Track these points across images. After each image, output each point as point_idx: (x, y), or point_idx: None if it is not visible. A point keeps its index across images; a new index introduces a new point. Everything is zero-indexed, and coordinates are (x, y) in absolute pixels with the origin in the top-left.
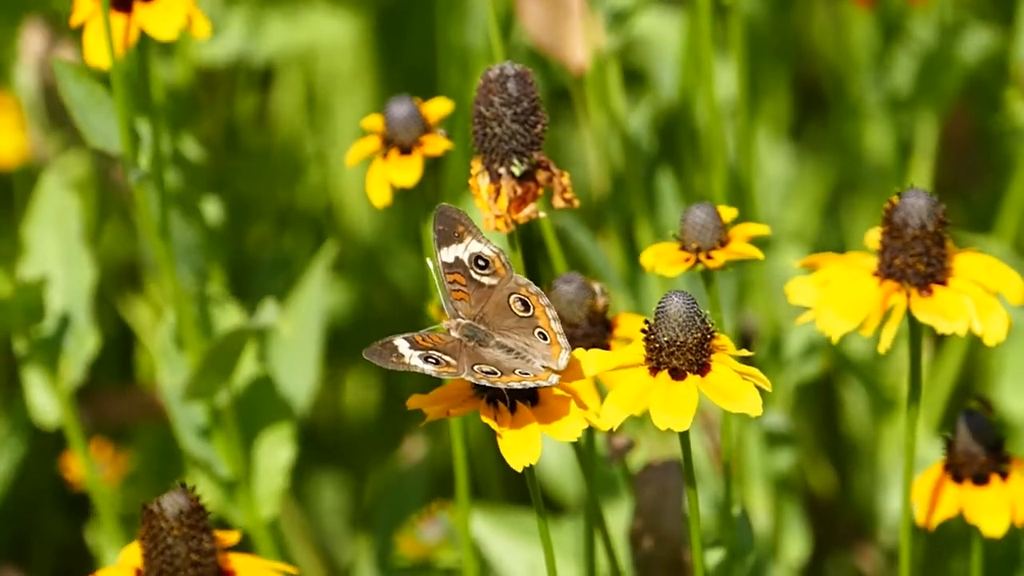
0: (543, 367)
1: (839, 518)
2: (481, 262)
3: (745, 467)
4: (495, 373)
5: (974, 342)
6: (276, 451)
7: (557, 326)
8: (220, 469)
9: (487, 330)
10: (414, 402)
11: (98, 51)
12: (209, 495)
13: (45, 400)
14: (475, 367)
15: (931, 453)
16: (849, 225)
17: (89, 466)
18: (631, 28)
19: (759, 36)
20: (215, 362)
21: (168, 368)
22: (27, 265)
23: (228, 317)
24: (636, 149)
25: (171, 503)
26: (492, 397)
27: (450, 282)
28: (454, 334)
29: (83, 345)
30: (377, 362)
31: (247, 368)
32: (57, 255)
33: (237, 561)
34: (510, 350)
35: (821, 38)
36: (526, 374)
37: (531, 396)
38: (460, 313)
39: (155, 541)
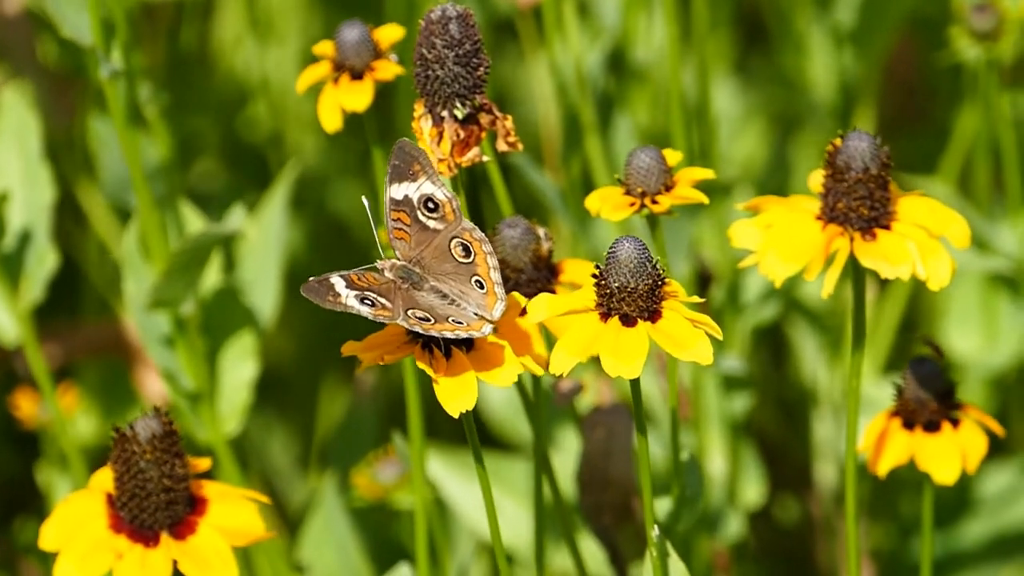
0: (476, 315)
1: (788, 461)
2: (431, 204)
3: (702, 411)
4: (428, 320)
5: (920, 281)
6: (240, 366)
7: (496, 276)
8: (184, 381)
9: (422, 273)
10: (348, 349)
11: None
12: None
13: (4, 319)
14: (409, 312)
15: (879, 393)
16: (796, 160)
17: (48, 388)
18: None
19: None
20: (182, 267)
21: (133, 277)
22: None
23: (193, 226)
24: (591, 89)
25: (144, 427)
26: (427, 343)
27: (393, 220)
28: (388, 275)
29: (43, 263)
30: (314, 300)
31: (212, 279)
32: (18, 173)
33: (209, 488)
34: (444, 296)
35: None
36: (459, 322)
37: (466, 342)
38: (398, 253)
39: (127, 465)
